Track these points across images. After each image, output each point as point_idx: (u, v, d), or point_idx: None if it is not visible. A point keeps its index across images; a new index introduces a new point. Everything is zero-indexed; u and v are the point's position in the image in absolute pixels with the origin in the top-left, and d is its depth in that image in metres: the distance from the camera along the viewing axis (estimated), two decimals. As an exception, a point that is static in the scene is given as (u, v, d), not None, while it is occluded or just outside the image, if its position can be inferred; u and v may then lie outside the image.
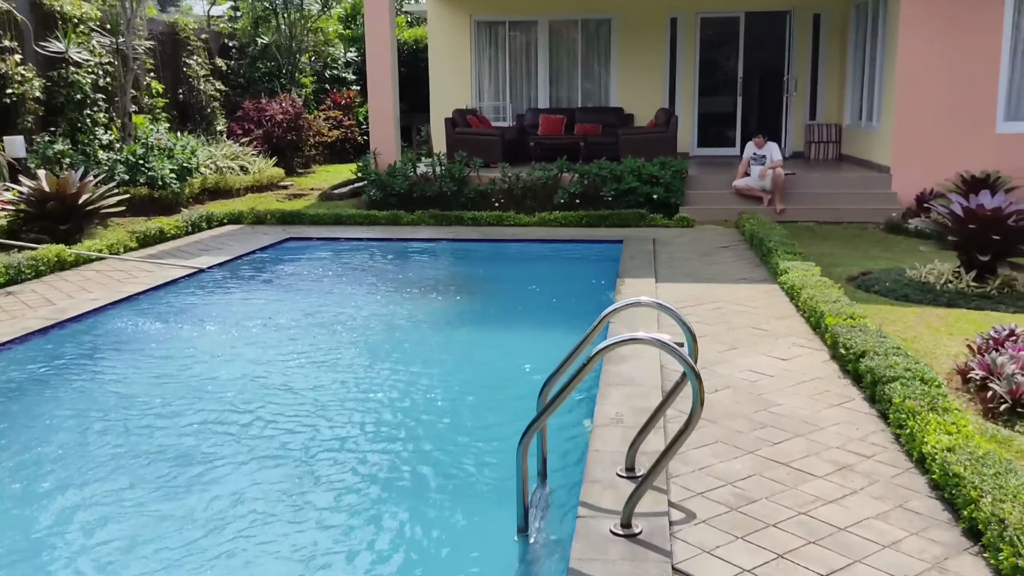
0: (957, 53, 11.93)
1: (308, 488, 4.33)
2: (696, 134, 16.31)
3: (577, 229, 11.27)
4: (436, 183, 13.05)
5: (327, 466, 4.59)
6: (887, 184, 12.42)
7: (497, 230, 11.26)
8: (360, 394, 5.71)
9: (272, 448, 4.82)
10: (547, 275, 9.29)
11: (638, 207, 12.41)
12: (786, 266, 7.82)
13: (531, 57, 16.61)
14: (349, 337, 6.94)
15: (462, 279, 9.08)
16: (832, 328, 5.78)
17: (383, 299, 8.12)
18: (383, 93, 13.56)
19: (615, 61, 16.25)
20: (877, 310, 7.35)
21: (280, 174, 15.73)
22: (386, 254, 10.37)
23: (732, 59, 16.43)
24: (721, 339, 6.24)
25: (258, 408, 5.40)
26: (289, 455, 4.73)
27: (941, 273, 8.25)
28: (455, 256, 10.34)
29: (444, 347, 6.78)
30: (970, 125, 12.07)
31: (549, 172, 12.83)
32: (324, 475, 4.48)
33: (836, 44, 15.57)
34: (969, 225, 7.93)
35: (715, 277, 8.34)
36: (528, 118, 16.08)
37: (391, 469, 4.57)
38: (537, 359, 6.11)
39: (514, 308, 7.87)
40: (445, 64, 16.61)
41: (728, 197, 12.59)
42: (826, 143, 15.37)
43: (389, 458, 4.71)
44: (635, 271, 8.49)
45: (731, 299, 7.45)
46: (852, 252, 10.07)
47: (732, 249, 9.84)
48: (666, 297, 7.50)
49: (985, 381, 5.32)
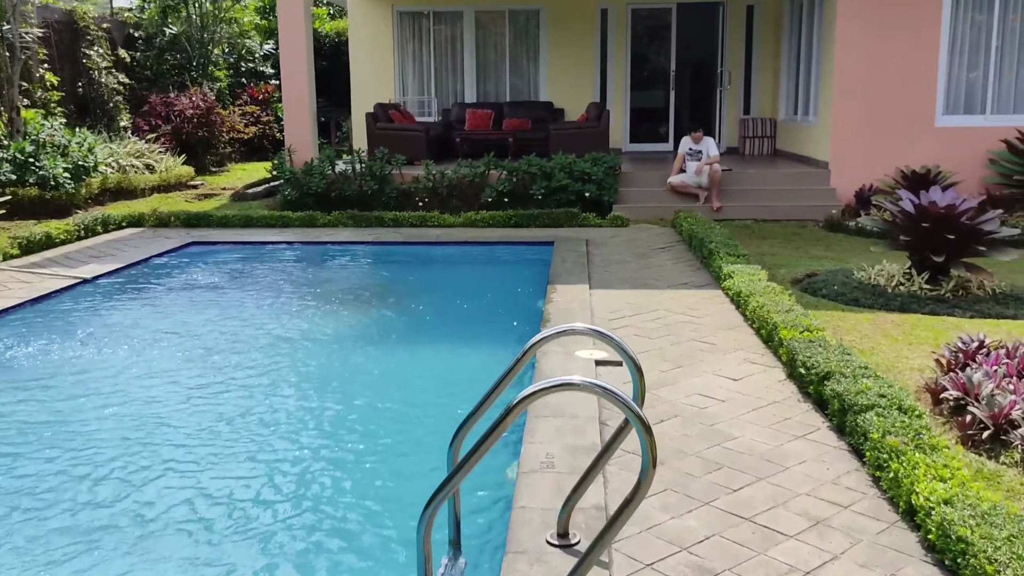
0: (896, 46, 11.48)
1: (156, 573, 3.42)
2: (628, 129, 15.66)
3: (505, 230, 10.46)
4: (356, 182, 12.11)
5: (180, 540, 3.68)
6: (825, 180, 11.92)
7: (420, 231, 10.38)
8: (245, 434, 4.79)
9: (121, 512, 3.89)
10: (472, 282, 8.44)
11: (570, 206, 11.67)
12: (730, 270, 7.14)
13: (457, 49, 15.74)
14: (243, 360, 5.99)
15: (379, 288, 8.14)
16: (788, 343, 5.08)
17: (287, 313, 7.17)
18: (298, 86, 12.54)
19: (544, 54, 15.49)
20: (829, 317, 6.71)
21: (189, 173, 14.54)
22: (298, 260, 9.40)
23: (664, 52, 15.83)
24: (665, 355, 5.50)
25: (119, 457, 4.45)
26: (146, 522, 3.80)
27: (892, 275, 7.68)
28: (373, 261, 9.40)
29: (352, 372, 5.85)
30: (909, 119, 11.64)
31: (476, 169, 12.00)
32: (172, 555, 3.56)
33: (770, 37, 15.09)
34: (921, 224, 7.36)
35: (654, 282, 7.62)
36: (454, 113, 15.22)
37: (272, 545, 3.68)
38: (459, 386, 5.28)
39: (435, 323, 6.97)
40: (367, 57, 15.62)
41: (663, 194, 11.94)
42: (761, 138, 14.87)
43: (273, 528, 3.81)
44: (567, 276, 7.71)
45: (673, 307, 6.72)
46: (794, 252, 9.49)
47: (670, 250, 9.15)
48: (602, 305, 6.74)
49: (961, 403, 4.68)
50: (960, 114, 11.78)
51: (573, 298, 6.87)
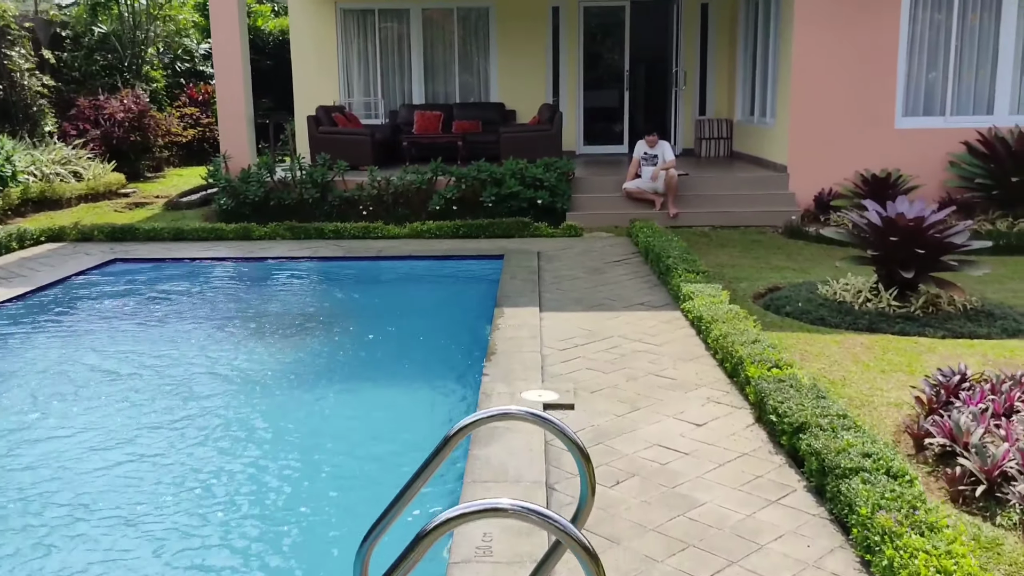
0: (854, 45, 11.09)
1: None
2: (582, 131, 15.13)
3: (453, 241, 9.85)
4: (296, 190, 11.40)
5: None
6: (784, 184, 11.50)
7: (363, 244, 9.72)
8: (138, 505, 4.13)
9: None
10: (415, 303, 7.79)
11: (522, 213, 11.10)
12: (689, 290, 6.61)
13: (404, 49, 15.06)
14: (152, 403, 5.31)
15: (311, 312, 7.38)
16: (756, 383, 4.56)
17: (205, 345, 6.45)
18: (233, 88, 11.78)
19: (494, 53, 14.89)
20: (795, 339, 6.23)
21: (120, 180, 13.66)
22: (229, 279, 8.69)
23: (618, 51, 15.31)
24: (620, 395, 4.95)
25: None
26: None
27: (858, 290, 7.23)
28: (310, 279, 8.71)
29: (272, 419, 5.11)
30: (869, 121, 11.27)
31: (423, 175, 11.36)
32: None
33: (725, 36, 14.65)
34: (889, 237, 6.91)
35: (609, 302, 7.07)
36: (402, 115, 14.55)
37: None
38: (392, 443, 4.67)
39: (368, 357, 6.24)
40: (309, 56, 14.87)
41: (618, 201, 11.42)
42: (717, 139, 14.44)
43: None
44: (516, 296, 7.13)
45: (629, 333, 6.18)
46: (754, 262, 9.03)
47: (626, 264, 8.62)
48: (553, 332, 6.17)
49: (947, 450, 4.20)
50: (920, 116, 11.44)
51: (522, 323, 6.29)
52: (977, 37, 11.27)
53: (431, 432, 4.68)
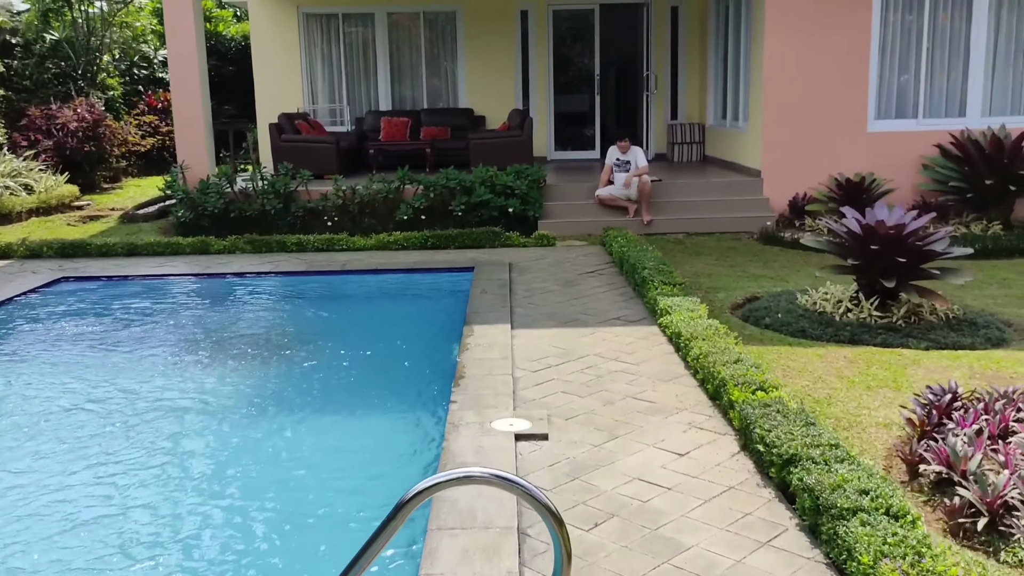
0: (826, 49, 10.92)
1: None
2: (553, 137, 14.87)
3: (421, 253, 9.52)
4: (257, 200, 11.01)
5: None
6: (758, 189, 11.31)
7: (326, 257, 9.36)
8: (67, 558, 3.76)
9: None
10: (380, 321, 7.43)
11: (492, 222, 10.80)
12: (667, 303, 6.34)
13: (369, 54, 14.71)
14: (91, 442, 4.93)
15: (269, 333, 6.91)
16: (741, 407, 4.29)
17: (152, 374, 6.03)
18: (190, 95, 11.37)
19: (462, 58, 14.58)
20: (776, 354, 5.99)
21: (74, 192, 13.16)
22: (184, 296, 8.28)
23: (588, 55, 15.07)
24: (597, 421, 4.65)
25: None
26: None
27: (838, 300, 7.01)
28: (269, 296, 8.32)
29: (213, 459, 4.70)
30: (841, 125, 11.11)
31: (390, 184, 11.02)
32: None
33: (696, 39, 14.46)
34: (870, 245, 6.70)
35: (583, 317, 6.79)
36: (368, 122, 14.19)
37: None
38: (352, 481, 4.33)
39: (328, 383, 5.81)
40: (272, 62, 14.47)
41: (591, 208, 11.16)
42: (689, 144, 14.25)
43: None
44: (487, 312, 6.82)
45: (605, 351, 5.89)
46: (731, 270, 8.80)
47: (600, 275, 8.34)
48: (525, 352, 5.87)
49: (944, 478, 3.96)
50: (892, 119, 11.30)
51: (492, 342, 5.98)
52: (948, 38, 11.16)
53: (394, 472, 4.36)
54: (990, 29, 11.02)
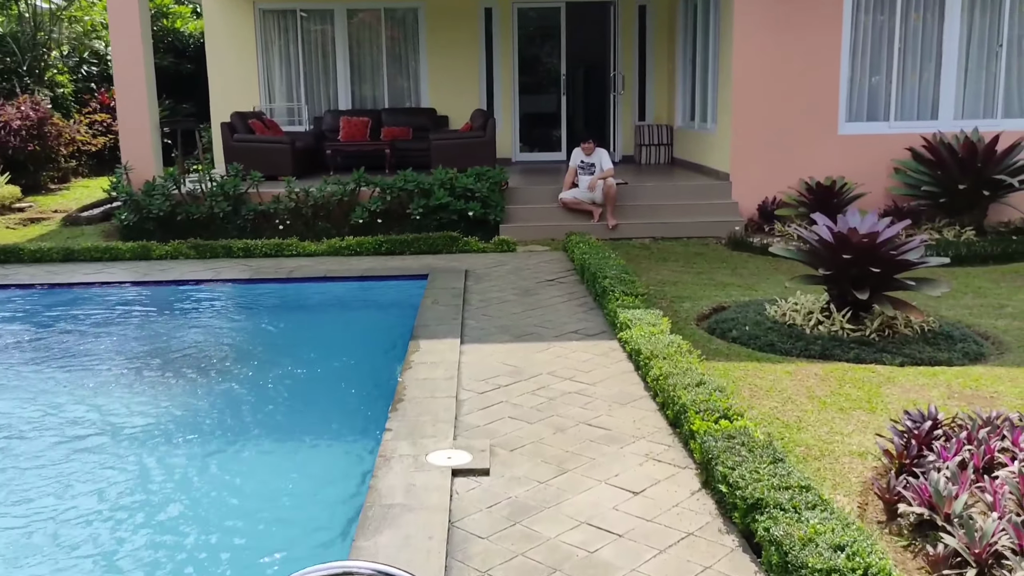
0: (796, 50, 10.56)
1: None
2: (518, 137, 14.40)
3: (375, 259, 9.01)
4: (206, 203, 10.43)
5: None
6: (727, 193, 10.92)
7: (274, 263, 8.82)
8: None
9: None
10: (320, 335, 6.88)
11: (452, 226, 10.32)
12: (627, 317, 5.90)
13: (329, 51, 14.15)
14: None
15: (199, 348, 6.31)
16: (702, 439, 3.84)
17: (57, 397, 5.49)
18: (135, 92, 10.77)
19: (424, 56, 14.07)
20: (743, 371, 5.57)
21: (15, 193, 12.47)
22: (112, 308, 7.68)
23: (554, 54, 14.63)
24: (546, 452, 4.19)
25: None
26: None
27: (809, 311, 6.62)
28: (207, 306, 7.76)
29: (111, 497, 4.15)
30: (812, 127, 10.75)
31: (344, 186, 10.50)
32: None
33: (664, 39, 14.07)
34: (842, 254, 6.30)
35: (539, 330, 6.32)
36: (327, 121, 13.64)
37: None
38: (247, 530, 3.83)
39: (253, 408, 5.22)
40: (227, 59, 13.87)
41: (555, 212, 10.71)
42: (657, 146, 13.85)
43: None
44: (436, 325, 6.34)
45: (560, 369, 5.43)
46: (697, 278, 8.39)
47: (560, 283, 7.89)
48: (474, 370, 5.39)
49: (925, 519, 3.54)
50: (863, 121, 10.97)
51: (439, 359, 5.50)
52: (920, 39, 10.84)
53: (303, 517, 3.86)
54: (962, 30, 10.72)
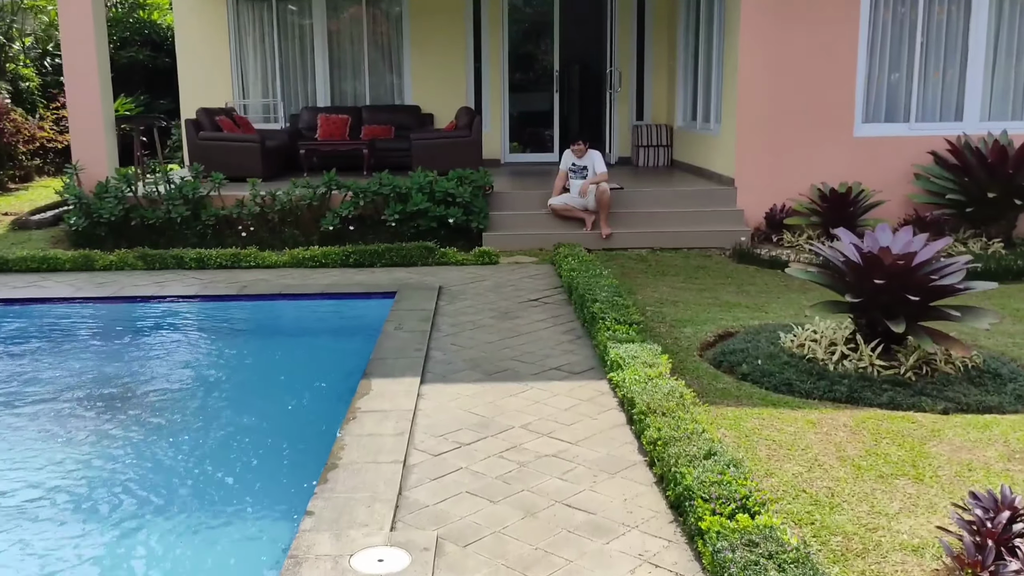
0: (808, 44, 9.55)
1: None
2: (507, 138, 13.39)
3: (341, 272, 8.01)
4: (162, 207, 9.43)
5: None
6: (731, 199, 9.91)
7: (228, 276, 7.82)
8: None
9: None
10: (259, 369, 5.77)
11: (432, 234, 9.33)
12: (619, 354, 4.89)
13: (307, 44, 13.14)
14: None
15: (103, 388, 5.23)
16: (714, 544, 2.85)
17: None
18: (86, 85, 9.75)
19: (409, 50, 13.05)
20: (758, 421, 4.57)
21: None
22: (29, 331, 6.65)
23: (547, 49, 13.62)
24: (509, 550, 3.19)
25: None
26: None
27: (831, 342, 5.62)
28: (138, 329, 6.66)
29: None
30: (825, 128, 9.74)
31: (315, 190, 9.49)
32: None
33: (664, 33, 13.05)
34: (872, 279, 5.31)
35: (516, 364, 5.32)
36: (304, 119, 12.63)
37: None
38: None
39: (152, 475, 4.12)
40: (198, 52, 12.85)
41: (544, 219, 9.70)
42: (656, 147, 12.84)
43: None
44: (395, 358, 5.33)
45: (537, 420, 4.43)
46: (700, 296, 7.39)
47: (545, 304, 6.89)
48: (432, 422, 4.38)
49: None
50: (882, 122, 9.96)
51: (391, 406, 4.50)
52: (945, 34, 9.83)
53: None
54: (991, 24, 9.70)
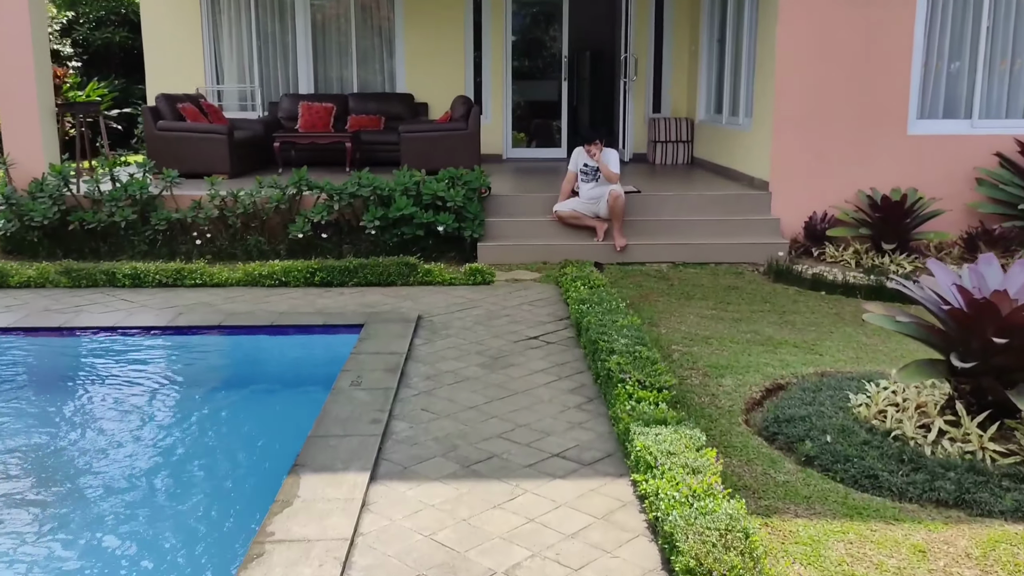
0: (857, 29, 8.05)
1: None
2: (510, 131, 11.91)
3: (303, 294, 6.57)
4: (106, 208, 8.01)
5: None
6: (764, 206, 8.44)
7: (165, 299, 6.38)
8: None
9: None
10: (151, 455, 4.13)
11: (418, 243, 7.92)
12: (647, 446, 3.43)
13: (287, 23, 11.67)
14: None
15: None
16: None
17: None
18: (20, 70, 8.31)
19: (402, 32, 11.56)
20: (840, 539, 3.17)
21: None
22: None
23: (555, 33, 12.13)
24: None
25: None
26: None
27: (920, 410, 4.19)
28: (46, 373, 5.26)
29: None
30: (874, 125, 8.25)
31: (283, 190, 8.06)
32: None
33: (685, 14, 11.53)
34: (987, 335, 3.85)
35: (505, 446, 3.88)
36: (285, 107, 11.17)
37: None
38: None
39: None
40: (167, 32, 11.39)
41: (549, 227, 8.25)
42: (674, 143, 11.36)
43: None
44: (342, 434, 3.89)
45: (528, 558, 2.98)
46: (735, 330, 5.95)
47: (548, 342, 5.44)
48: (380, 547, 2.94)
49: None
50: (939, 118, 8.47)
51: (317, 534, 3.05)
52: (1015, 16, 8.32)
53: None
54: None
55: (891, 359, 5.42)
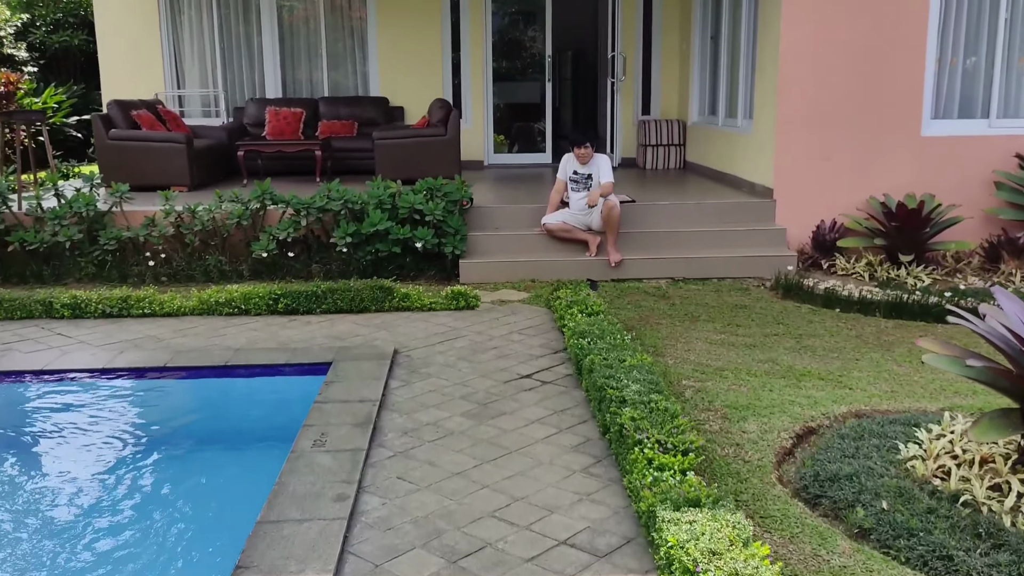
0: (866, 23, 7.40)
1: None
2: (491, 136, 11.17)
3: (264, 324, 5.79)
4: (48, 227, 7.19)
5: None
6: (768, 214, 7.77)
7: (106, 333, 5.58)
8: None
9: None
10: (56, 549, 3.25)
11: (395, 261, 7.17)
12: (679, 540, 2.70)
13: (252, 24, 10.86)
14: None
15: None
16: None
17: None
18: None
19: (375, 32, 10.80)
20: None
21: None
22: None
23: (538, 32, 11.41)
24: None
25: None
26: None
27: (989, 463, 3.51)
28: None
29: None
30: (885, 127, 7.60)
31: (245, 204, 7.27)
32: None
33: (676, 10, 10.85)
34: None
35: (500, 532, 3.12)
36: (251, 112, 10.36)
37: None
38: None
39: None
40: (123, 33, 10.54)
41: (537, 241, 7.52)
42: (666, 147, 10.67)
43: None
44: (299, 518, 3.13)
45: None
46: (750, 357, 5.25)
47: (543, 383, 4.70)
48: None
49: None
50: (955, 118, 7.83)
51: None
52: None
53: None
54: (1097, -6, 7.58)
55: (929, 392, 4.76)
